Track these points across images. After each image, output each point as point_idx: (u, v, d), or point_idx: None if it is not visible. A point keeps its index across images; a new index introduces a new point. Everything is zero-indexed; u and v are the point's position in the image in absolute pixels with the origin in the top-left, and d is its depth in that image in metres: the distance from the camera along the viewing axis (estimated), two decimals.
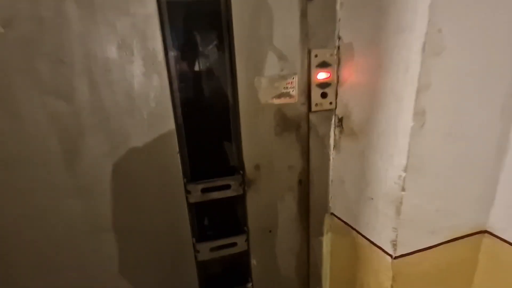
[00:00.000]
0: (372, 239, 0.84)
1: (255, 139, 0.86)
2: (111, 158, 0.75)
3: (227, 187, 0.88)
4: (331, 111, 0.92)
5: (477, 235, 0.85)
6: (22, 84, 0.65)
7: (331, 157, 0.97)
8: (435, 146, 0.70)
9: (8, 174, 0.68)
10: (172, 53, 0.76)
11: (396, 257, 0.77)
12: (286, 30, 0.80)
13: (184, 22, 0.78)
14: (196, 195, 0.85)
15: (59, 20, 0.64)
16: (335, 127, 0.94)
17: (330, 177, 0.99)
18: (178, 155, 0.80)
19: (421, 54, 0.60)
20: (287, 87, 0.84)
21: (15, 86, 0.65)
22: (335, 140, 0.95)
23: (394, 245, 0.76)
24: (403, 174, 0.69)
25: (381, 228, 0.79)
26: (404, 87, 0.66)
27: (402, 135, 0.68)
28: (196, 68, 0.82)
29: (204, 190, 0.86)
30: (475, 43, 0.64)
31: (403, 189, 0.70)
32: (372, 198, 0.81)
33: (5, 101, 0.65)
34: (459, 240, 0.83)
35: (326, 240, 1.06)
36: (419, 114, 0.65)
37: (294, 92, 0.85)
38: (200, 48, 0.81)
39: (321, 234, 1.05)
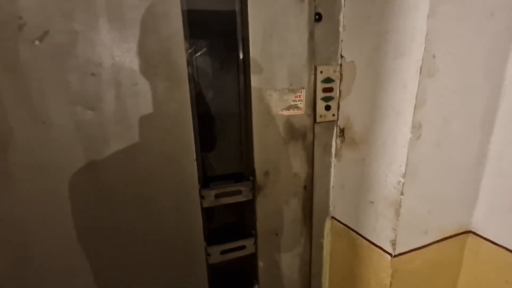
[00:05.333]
0: (372, 240, 0.92)
1: (266, 147, 0.92)
2: (132, 164, 0.79)
3: (239, 192, 0.93)
4: (333, 122, 1.01)
5: (462, 235, 0.96)
6: (53, 93, 0.68)
7: (332, 165, 1.05)
8: (427, 155, 0.79)
9: (36, 178, 0.71)
10: (192, 67, 0.82)
11: (395, 256, 0.85)
12: (296, 49, 0.88)
13: (203, 36, 0.84)
14: (210, 200, 0.90)
15: (91, 35, 0.68)
16: (336, 137, 1.02)
17: (331, 183, 1.07)
18: (195, 162, 0.85)
19: (418, 75, 0.70)
20: (295, 100, 0.92)
21: (47, 95, 0.68)
22: (336, 148, 1.03)
23: (393, 244, 0.84)
24: (402, 180, 0.78)
25: (381, 229, 0.87)
26: (402, 104, 0.75)
27: (401, 145, 0.77)
28: (213, 80, 0.88)
29: (217, 196, 0.91)
30: (460, 66, 0.75)
31: (402, 193, 0.79)
32: (372, 202, 0.89)
33: (37, 109, 0.67)
34: (447, 239, 0.93)
35: (326, 242, 1.14)
36: (416, 127, 0.74)
37: (301, 104, 0.93)
38: (217, 62, 0.87)
39: (322, 236, 1.12)
